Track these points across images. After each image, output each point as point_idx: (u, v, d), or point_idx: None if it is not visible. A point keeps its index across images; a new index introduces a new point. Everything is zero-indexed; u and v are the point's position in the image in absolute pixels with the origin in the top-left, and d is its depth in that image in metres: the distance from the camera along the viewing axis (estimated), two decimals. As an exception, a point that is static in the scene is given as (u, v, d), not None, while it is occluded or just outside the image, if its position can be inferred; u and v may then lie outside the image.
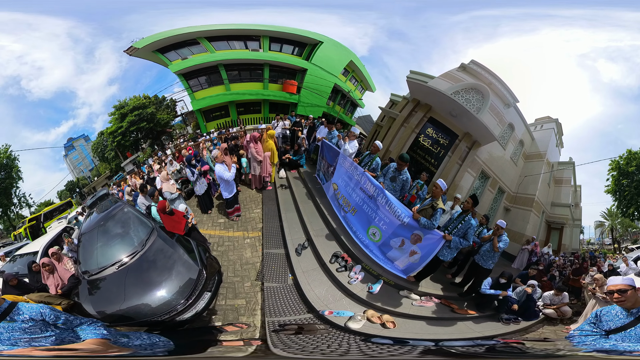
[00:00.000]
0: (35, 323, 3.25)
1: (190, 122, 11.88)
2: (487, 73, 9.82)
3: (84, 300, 4.79)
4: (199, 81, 11.18)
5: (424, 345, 4.73)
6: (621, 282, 3.10)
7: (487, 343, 5.13)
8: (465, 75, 9.90)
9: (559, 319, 6.15)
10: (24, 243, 8.53)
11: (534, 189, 9.78)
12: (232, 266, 6.43)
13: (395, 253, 5.87)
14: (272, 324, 4.91)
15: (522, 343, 5.17)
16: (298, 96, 11.85)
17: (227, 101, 11.53)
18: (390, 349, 4.53)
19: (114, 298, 4.64)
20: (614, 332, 3.05)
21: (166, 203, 5.74)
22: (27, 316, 3.23)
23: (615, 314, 3.12)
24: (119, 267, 5.06)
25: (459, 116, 9.42)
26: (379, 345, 4.57)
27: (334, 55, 12.02)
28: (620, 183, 9.52)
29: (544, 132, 10.55)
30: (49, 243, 7.02)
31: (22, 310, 3.25)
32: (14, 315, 3.18)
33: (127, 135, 11.00)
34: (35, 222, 10.03)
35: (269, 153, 8.70)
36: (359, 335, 4.75)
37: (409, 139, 10.26)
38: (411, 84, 10.33)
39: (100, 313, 4.42)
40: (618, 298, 3.06)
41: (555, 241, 9.64)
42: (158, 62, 10.59)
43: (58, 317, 3.42)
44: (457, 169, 9.54)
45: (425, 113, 10.13)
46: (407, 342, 4.76)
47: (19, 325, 3.18)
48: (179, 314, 4.42)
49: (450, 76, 9.95)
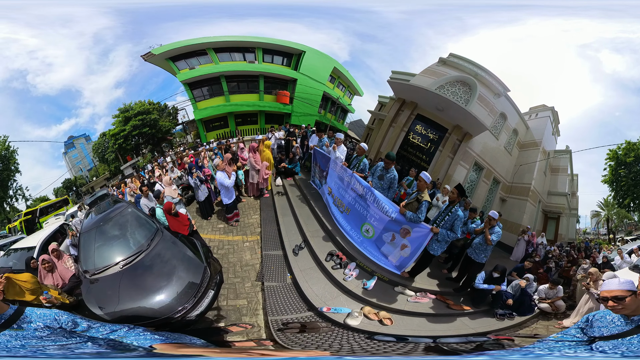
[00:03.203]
0: (53, 331, 2.82)
1: (190, 131, 11.86)
2: (471, 64, 9.52)
3: (88, 300, 4.50)
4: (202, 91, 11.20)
5: (422, 342, 4.65)
6: (617, 286, 2.45)
7: (478, 340, 4.96)
8: (447, 69, 9.61)
9: (553, 314, 5.79)
10: (19, 237, 8.08)
11: (529, 177, 9.38)
12: (232, 268, 6.39)
13: (388, 248, 5.86)
14: (275, 323, 4.85)
15: (511, 339, 4.92)
16: (291, 106, 11.93)
17: (227, 112, 11.59)
18: (393, 347, 4.46)
19: (120, 298, 4.40)
20: (605, 339, 2.50)
21: (172, 204, 5.73)
22: (41, 324, 2.80)
23: (611, 320, 2.55)
24: (123, 266, 4.86)
25: (446, 110, 9.16)
26: (381, 343, 4.52)
27: (317, 63, 11.93)
28: (618, 173, 9.13)
29: (539, 120, 10.11)
30: (47, 239, 6.63)
31: (32, 317, 2.81)
32: (22, 324, 2.75)
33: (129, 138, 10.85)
34: (31, 216, 9.60)
35: (266, 163, 8.89)
36: (360, 333, 4.69)
37: (399, 138, 10.06)
38: (393, 84, 10.14)
39: (110, 314, 4.16)
40: (614, 306, 2.45)
41: (552, 231, 9.26)
42: (168, 69, 10.60)
43: (76, 323, 3.01)
44: (449, 163, 9.21)
45: (412, 111, 9.92)
46: (406, 339, 4.67)
47: (32, 334, 2.73)
48: (189, 312, 4.30)
49: (431, 71, 9.72)
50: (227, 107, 11.51)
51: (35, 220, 9.63)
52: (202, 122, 11.45)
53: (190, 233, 5.92)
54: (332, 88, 12.63)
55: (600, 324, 2.60)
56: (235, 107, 11.65)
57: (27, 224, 9.44)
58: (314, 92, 12.00)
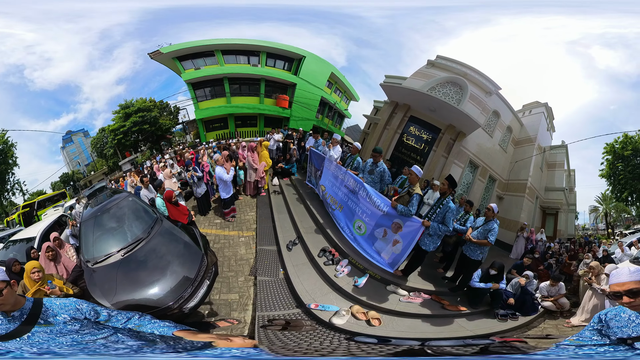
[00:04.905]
0: (82, 323, 2.57)
1: (190, 130, 11.92)
2: (459, 65, 9.55)
3: (93, 290, 4.41)
4: (205, 92, 11.27)
5: (407, 344, 4.27)
6: (629, 277, 2.10)
7: (480, 343, 4.53)
8: (436, 70, 9.67)
9: (558, 312, 5.44)
10: (17, 229, 8.00)
11: (525, 174, 9.22)
12: (227, 262, 6.43)
13: (380, 244, 5.79)
14: (261, 319, 4.73)
15: (523, 342, 4.47)
16: (290, 110, 12.01)
17: (227, 113, 11.69)
18: (374, 348, 4.06)
19: (124, 286, 4.37)
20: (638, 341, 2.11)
21: (173, 193, 5.79)
22: (67, 316, 2.52)
23: (629, 318, 2.19)
24: (124, 254, 4.84)
25: (438, 110, 9.15)
26: (361, 344, 4.17)
27: (316, 68, 11.96)
28: (615, 167, 8.94)
29: (533, 117, 9.98)
30: (47, 229, 6.49)
31: (54, 309, 2.51)
32: (47, 317, 2.44)
33: (129, 135, 10.82)
34: (29, 209, 9.50)
35: (264, 163, 9.03)
36: (343, 333, 4.43)
37: (393, 140, 10.05)
38: (386, 87, 10.19)
39: (116, 304, 4.10)
40: (631, 303, 2.10)
41: (551, 227, 9.05)
42: (173, 68, 10.64)
43: (97, 312, 2.78)
44: (444, 162, 9.12)
45: (405, 113, 9.94)
46: (389, 341, 4.30)
47: (65, 328, 2.45)
48: (186, 302, 4.30)
49: (421, 74, 9.79)
50: (228, 109, 11.60)
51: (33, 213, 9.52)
52: (202, 122, 11.50)
53: (189, 223, 5.98)
54: (330, 93, 12.74)
55: (618, 324, 2.23)
56: (236, 109, 11.75)
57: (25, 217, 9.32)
58: (312, 97, 12.12)
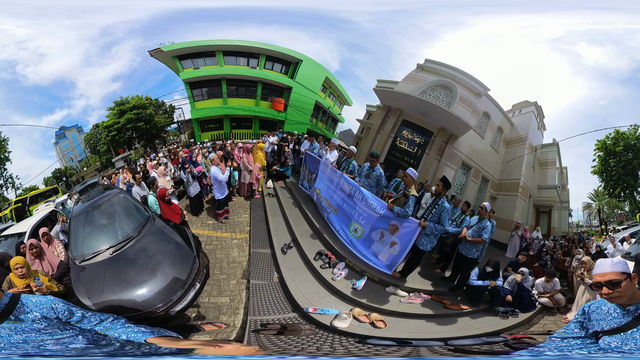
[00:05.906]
0: (50, 322, 2.55)
1: (184, 130, 11.82)
2: (448, 68, 9.60)
3: (77, 288, 4.24)
4: (202, 92, 11.20)
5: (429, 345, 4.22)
6: (611, 268, 2.15)
7: (496, 340, 4.59)
8: (425, 74, 9.74)
9: (555, 308, 5.47)
10: (9, 224, 7.80)
11: (517, 173, 9.25)
12: (219, 264, 6.29)
13: (378, 246, 5.78)
14: (254, 324, 4.62)
15: (532, 338, 4.47)
16: (285, 114, 12.03)
17: (223, 114, 11.62)
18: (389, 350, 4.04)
19: (111, 286, 4.21)
20: (609, 334, 2.18)
21: (166, 191, 5.68)
22: (38, 314, 2.52)
23: (607, 312, 2.23)
24: (113, 252, 4.67)
25: (430, 113, 9.24)
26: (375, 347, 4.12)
27: (312, 72, 12.06)
28: (607, 163, 8.90)
29: (523, 116, 10.01)
30: (37, 224, 6.36)
31: (28, 305, 2.52)
32: (19, 314, 2.45)
33: (123, 131, 10.67)
34: (21, 204, 9.29)
35: (259, 164, 8.98)
36: (350, 337, 4.32)
37: (386, 144, 10.11)
38: (378, 92, 10.27)
39: (102, 304, 3.95)
40: (609, 294, 2.13)
41: (545, 225, 9.06)
42: (172, 67, 10.55)
43: (72, 312, 2.76)
44: (437, 165, 9.20)
45: (398, 117, 10.01)
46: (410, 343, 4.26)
47: (30, 326, 2.45)
48: (175, 304, 4.14)
49: (412, 78, 9.89)
50: (224, 110, 11.55)
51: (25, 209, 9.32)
52: (198, 122, 11.44)
53: (181, 222, 5.86)
54: (324, 97, 12.81)
55: (597, 317, 2.27)
56: (232, 110, 11.70)
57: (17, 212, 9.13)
58: (307, 101, 12.17)
